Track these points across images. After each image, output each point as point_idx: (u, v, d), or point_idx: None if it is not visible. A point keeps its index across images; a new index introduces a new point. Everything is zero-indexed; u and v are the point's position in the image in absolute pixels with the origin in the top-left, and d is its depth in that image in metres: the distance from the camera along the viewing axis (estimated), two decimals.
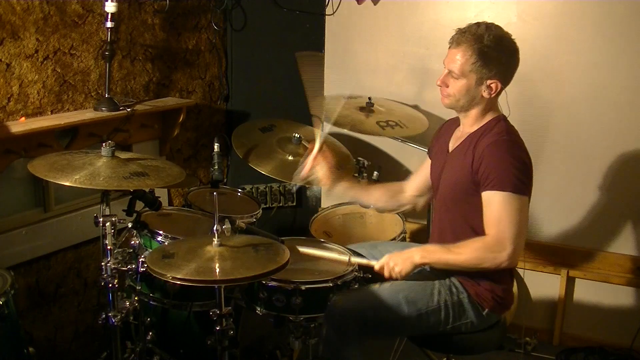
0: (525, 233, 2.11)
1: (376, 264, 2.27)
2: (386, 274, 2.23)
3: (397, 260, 2.21)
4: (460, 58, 2.14)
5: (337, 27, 3.69)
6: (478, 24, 2.16)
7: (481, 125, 2.22)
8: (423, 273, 2.31)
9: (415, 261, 2.19)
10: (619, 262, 3.28)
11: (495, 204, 2.09)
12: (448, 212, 2.30)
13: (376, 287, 2.27)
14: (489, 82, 2.14)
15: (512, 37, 2.18)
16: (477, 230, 2.16)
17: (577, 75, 3.24)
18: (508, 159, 2.09)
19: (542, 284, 3.45)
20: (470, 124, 2.26)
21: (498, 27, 2.16)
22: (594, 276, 3.32)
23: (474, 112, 2.23)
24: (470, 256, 2.11)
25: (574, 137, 3.29)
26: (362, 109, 3.27)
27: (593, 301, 3.38)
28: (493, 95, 2.17)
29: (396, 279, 2.23)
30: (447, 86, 2.21)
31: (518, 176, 2.08)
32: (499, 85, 2.16)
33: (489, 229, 2.10)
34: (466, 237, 2.16)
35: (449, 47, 2.19)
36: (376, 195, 2.57)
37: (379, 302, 2.21)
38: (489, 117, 2.23)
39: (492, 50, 2.11)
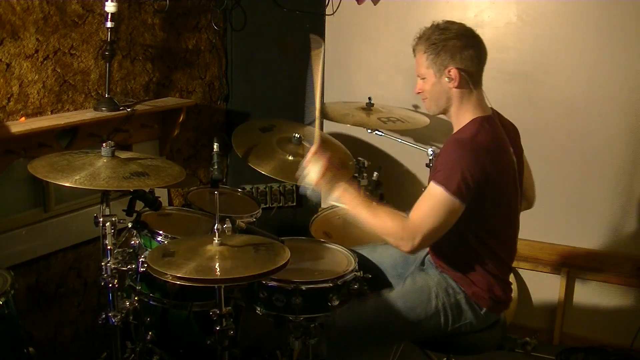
0: (441, 234, 2.05)
1: (312, 151, 2.21)
2: (305, 163, 2.19)
3: (325, 180, 2.15)
4: (419, 61, 2.20)
5: (337, 27, 3.70)
6: (428, 27, 2.20)
7: (460, 127, 2.19)
8: (417, 279, 2.30)
9: (333, 191, 2.15)
10: (619, 262, 3.29)
11: (428, 195, 2.05)
12: None
13: (372, 298, 2.27)
14: (446, 71, 2.14)
15: (466, 25, 2.18)
16: (461, 235, 2.13)
17: (577, 75, 3.24)
18: (458, 160, 2.04)
19: (542, 284, 3.45)
20: (455, 124, 2.23)
21: (447, 22, 2.20)
22: (594, 276, 3.33)
23: (453, 110, 2.20)
24: (381, 225, 2.09)
25: (574, 137, 3.30)
26: (362, 108, 3.29)
27: (593, 301, 3.38)
28: (457, 84, 2.14)
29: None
30: (423, 91, 2.23)
31: (458, 180, 2.01)
32: (456, 72, 2.12)
33: (412, 214, 2.06)
34: (449, 242, 2.14)
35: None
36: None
37: (376, 314, 2.21)
38: (468, 118, 2.17)
39: (439, 40, 2.14)
